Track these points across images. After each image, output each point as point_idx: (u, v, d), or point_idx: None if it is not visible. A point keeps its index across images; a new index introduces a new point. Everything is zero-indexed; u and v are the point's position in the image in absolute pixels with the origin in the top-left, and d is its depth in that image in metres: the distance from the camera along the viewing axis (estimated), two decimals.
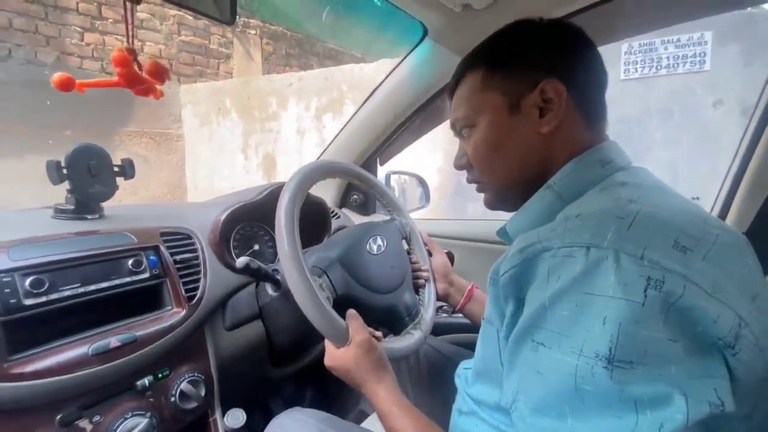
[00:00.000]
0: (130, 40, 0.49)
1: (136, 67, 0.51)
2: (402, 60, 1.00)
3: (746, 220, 0.97)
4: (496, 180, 0.54)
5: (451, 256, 1.19)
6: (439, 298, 0.85)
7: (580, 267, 0.34)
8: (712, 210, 1.07)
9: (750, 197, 0.96)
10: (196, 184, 4.37)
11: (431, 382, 0.83)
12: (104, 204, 0.75)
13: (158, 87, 0.56)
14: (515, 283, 0.40)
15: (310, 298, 0.58)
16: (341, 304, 0.66)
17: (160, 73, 0.53)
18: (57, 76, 0.50)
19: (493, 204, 0.57)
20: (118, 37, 3.88)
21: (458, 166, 0.59)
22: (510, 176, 0.52)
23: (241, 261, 0.66)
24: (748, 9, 2.60)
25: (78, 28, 3.64)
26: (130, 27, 0.47)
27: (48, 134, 3.31)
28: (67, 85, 0.50)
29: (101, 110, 3.54)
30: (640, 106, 2.92)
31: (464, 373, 0.63)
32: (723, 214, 1.02)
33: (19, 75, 3.30)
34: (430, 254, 0.91)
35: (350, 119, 1.15)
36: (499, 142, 0.50)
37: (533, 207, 0.50)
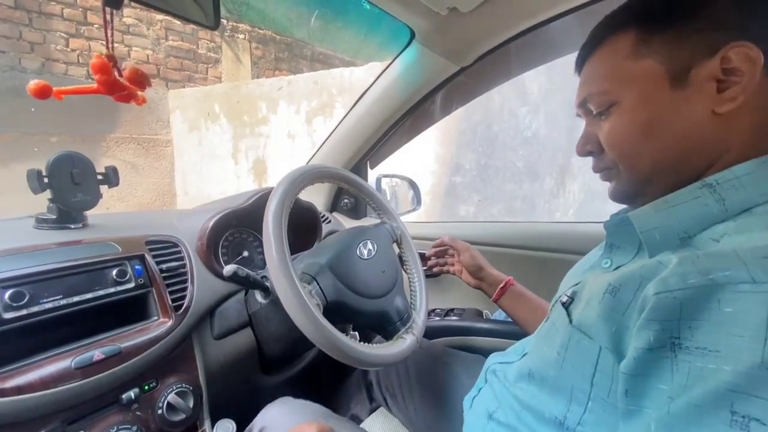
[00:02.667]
0: (110, 46, 0.48)
1: (116, 74, 0.50)
2: (390, 63, 0.99)
3: None
4: (641, 169, 0.43)
5: None
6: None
7: None
8: None
9: None
10: (186, 190, 4.33)
11: (422, 386, 0.82)
12: (88, 213, 0.74)
13: (140, 93, 0.55)
14: (679, 310, 0.31)
15: (300, 306, 0.57)
16: (332, 311, 0.65)
17: (140, 80, 0.52)
18: (33, 83, 0.49)
19: (623, 196, 0.47)
20: (104, 42, 3.82)
21: (584, 153, 0.48)
22: (663, 165, 0.41)
23: (228, 269, 0.65)
24: None
25: (63, 34, 3.59)
26: (109, 33, 0.46)
27: (34, 142, 3.26)
28: (43, 93, 0.49)
29: (87, 116, 3.49)
30: None
31: (501, 368, 0.58)
32: None
33: (3, 82, 3.25)
34: (422, 258, 0.91)
35: (339, 123, 1.15)
36: (654, 123, 0.40)
37: (682, 206, 0.39)
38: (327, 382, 0.72)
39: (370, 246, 0.77)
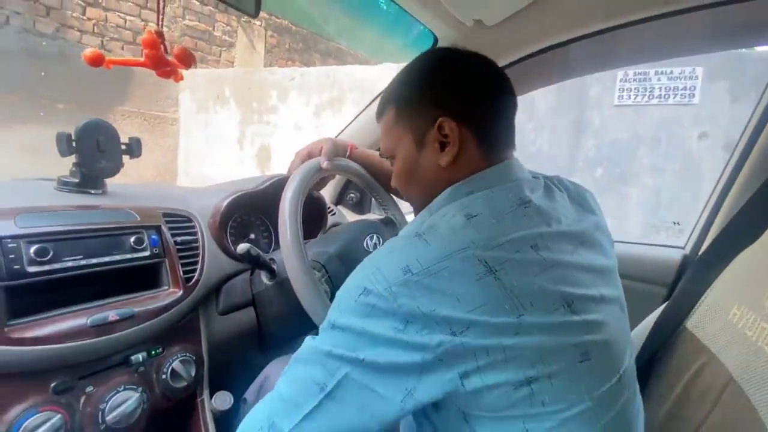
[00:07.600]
0: (160, 23, 0.50)
1: (162, 50, 0.53)
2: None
3: None
4: (412, 201, 0.62)
5: None
6: None
7: None
8: (689, 236, 1.12)
9: None
10: (188, 170, 4.33)
11: None
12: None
13: (180, 71, 0.57)
14: None
15: (310, 290, 0.59)
16: None
17: (187, 59, 0.55)
18: (89, 51, 0.51)
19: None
20: (120, 14, 3.83)
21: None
22: (422, 203, 0.57)
23: (242, 247, 0.68)
24: (741, 50, 2.71)
25: (80, 2, 3.59)
26: (161, 12, 0.49)
27: (40, 106, 3.25)
28: (97, 61, 0.52)
29: (97, 86, 3.49)
30: (631, 132, 3.02)
31: None
32: (700, 242, 1.07)
33: (16, 43, 3.23)
34: None
35: (357, 116, 1.17)
36: (412, 174, 0.57)
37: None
38: None
39: (376, 240, 0.80)
